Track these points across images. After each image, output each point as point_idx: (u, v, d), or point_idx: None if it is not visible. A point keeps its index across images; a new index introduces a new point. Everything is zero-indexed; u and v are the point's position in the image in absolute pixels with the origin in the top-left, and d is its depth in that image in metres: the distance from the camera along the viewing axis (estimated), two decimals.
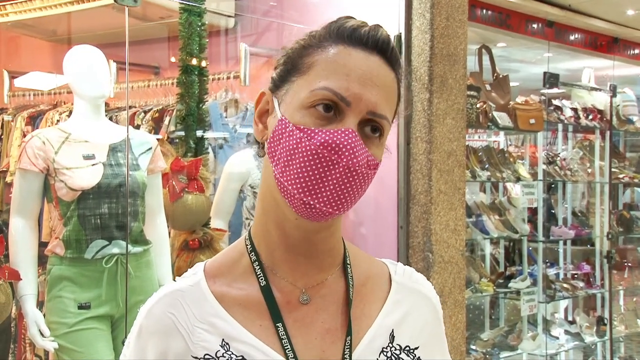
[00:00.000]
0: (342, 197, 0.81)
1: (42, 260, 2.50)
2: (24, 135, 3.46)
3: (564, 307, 5.07)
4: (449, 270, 3.07)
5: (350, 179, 0.80)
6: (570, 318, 4.95)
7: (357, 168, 0.80)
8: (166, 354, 0.85)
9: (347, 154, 0.79)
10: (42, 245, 2.51)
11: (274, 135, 0.84)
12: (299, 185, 0.80)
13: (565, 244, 4.97)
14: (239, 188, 2.99)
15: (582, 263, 4.97)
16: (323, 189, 0.80)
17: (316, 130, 0.81)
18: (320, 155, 0.79)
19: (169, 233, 2.75)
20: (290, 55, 0.87)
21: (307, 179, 0.80)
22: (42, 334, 2.32)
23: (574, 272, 4.91)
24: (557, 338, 4.50)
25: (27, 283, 2.33)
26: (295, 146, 0.81)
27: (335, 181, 0.80)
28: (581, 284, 4.77)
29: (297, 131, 0.81)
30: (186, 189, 2.70)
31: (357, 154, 0.80)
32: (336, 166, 0.79)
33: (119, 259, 2.41)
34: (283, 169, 0.82)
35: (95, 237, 2.37)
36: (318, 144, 0.80)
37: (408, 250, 3.06)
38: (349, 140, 0.80)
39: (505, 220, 4.29)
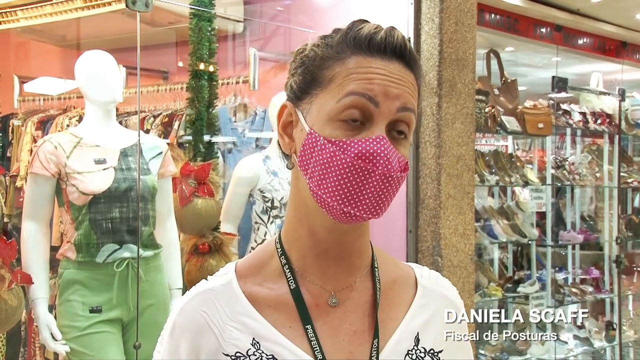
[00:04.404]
0: (380, 203, 0.83)
1: (52, 264, 2.51)
2: (34, 140, 3.48)
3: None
4: (457, 275, 3.07)
5: (387, 184, 0.82)
6: (579, 323, 4.93)
7: (392, 174, 0.82)
8: (198, 350, 0.87)
9: (381, 161, 0.81)
10: (52, 249, 2.52)
11: (305, 148, 0.85)
12: (338, 197, 0.82)
13: (573, 248, 4.95)
14: (248, 192, 2.99)
15: (590, 268, 4.95)
16: (362, 198, 0.82)
17: (348, 142, 0.82)
18: (357, 166, 0.81)
19: (179, 237, 2.75)
20: (309, 67, 0.87)
21: (345, 190, 0.82)
22: (53, 338, 2.33)
23: (582, 276, 4.89)
24: (566, 343, 4.48)
25: (39, 287, 2.34)
26: (329, 159, 0.82)
27: (373, 189, 0.82)
28: (590, 289, 4.75)
29: (329, 144, 0.83)
30: (196, 193, 2.70)
31: (390, 159, 0.82)
32: (373, 175, 0.81)
33: (130, 263, 2.41)
34: (319, 182, 0.84)
35: (106, 241, 2.38)
36: (353, 155, 0.81)
37: (417, 255, 3.05)
38: (382, 148, 0.82)
39: (513, 224, 4.28)
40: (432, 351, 0.92)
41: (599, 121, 4.83)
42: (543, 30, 4.54)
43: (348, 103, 0.83)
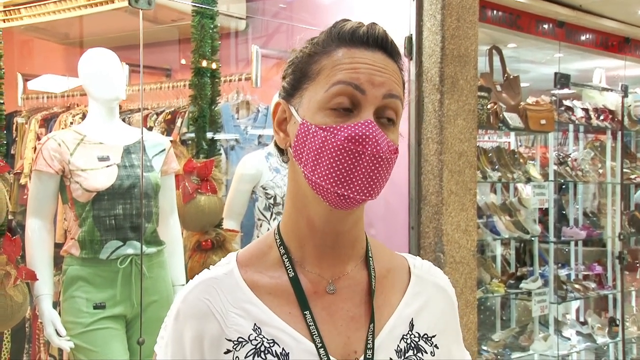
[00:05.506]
0: (371, 183, 0.87)
1: (56, 261, 2.52)
2: (38, 138, 3.50)
3: (576, 308, 5.05)
4: (460, 271, 3.07)
5: (377, 165, 0.87)
6: (582, 319, 4.93)
7: (381, 154, 0.87)
8: (202, 336, 0.91)
9: (370, 143, 0.86)
10: (56, 246, 2.54)
11: (298, 138, 0.90)
12: (331, 180, 0.86)
13: (576, 244, 4.95)
14: (251, 189, 3.00)
15: (593, 264, 4.95)
16: (354, 179, 0.86)
17: (338, 127, 0.87)
18: (347, 148, 0.86)
19: (182, 234, 2.77)
20: (298, 64, 0.93)
21: (337, 172, 0.86)
22: (58, 334, 2.35)
23: (585, 273, 4.89)
24: (569, 339, 4.49)
25: (43, 283, 2.36)
26: (321, 145, 0.87)
27: (364, 170, 0.86)
28: (593, 285, 4.75)
29: (320, 131, 0.87)
30: (199, 190, 2.71)
31: (379, 141, 0.86)
32: (362, 156, 0.86)
33: (133, 260, 2.43)
34: (313, 168, 0.88)
35: (109, 237, 2.40)
36: (342, 138, 0.86)
37: (419, 251, 3.06)
38: (370, 130, 0.86)
39: (516, 221, 4.28)
40: (425, 336, 0.96)
41: (601, 117, 4.82)
42: (545, 26, 4.53)
43: (336, 91, 0.88)
